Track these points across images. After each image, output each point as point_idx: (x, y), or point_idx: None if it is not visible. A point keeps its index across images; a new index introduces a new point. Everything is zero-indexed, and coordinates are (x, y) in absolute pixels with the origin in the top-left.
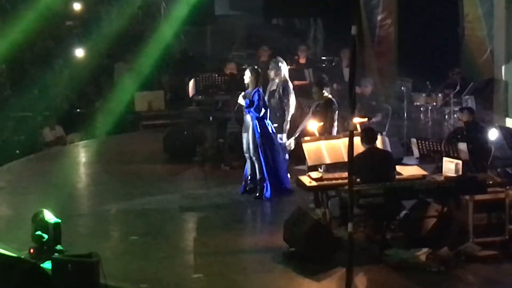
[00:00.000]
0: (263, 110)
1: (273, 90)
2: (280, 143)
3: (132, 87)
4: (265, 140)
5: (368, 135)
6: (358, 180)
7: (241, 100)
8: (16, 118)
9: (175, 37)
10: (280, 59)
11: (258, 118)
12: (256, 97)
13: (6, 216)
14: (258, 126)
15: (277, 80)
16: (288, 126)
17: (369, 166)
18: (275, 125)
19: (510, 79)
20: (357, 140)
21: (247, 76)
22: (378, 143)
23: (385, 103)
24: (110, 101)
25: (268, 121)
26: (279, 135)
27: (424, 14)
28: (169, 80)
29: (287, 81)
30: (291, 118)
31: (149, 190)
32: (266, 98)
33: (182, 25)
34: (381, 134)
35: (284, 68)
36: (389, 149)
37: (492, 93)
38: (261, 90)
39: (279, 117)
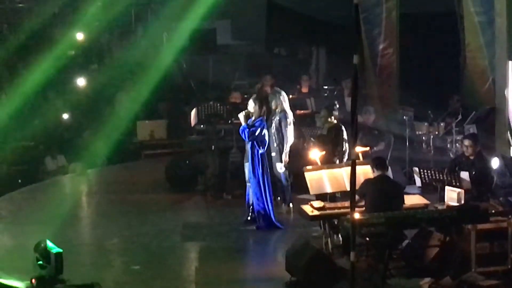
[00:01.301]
0: (260, 139)
1: (272, 120)
2: (280, 173)
3: (134, 116)
4: (259, 171)
5: (380, 161)
6: (363, 203)
7: (241, 118)
8: (18, 147)
9: (177, 66)
10: (279, 90)
11: (252, 147)
12: (256, 124)
13: (8, 246)
14: (251, 154)
15: (277, 110)
16: (287, 157)
17: (379, 192)
18: (273, 154)
19: None
20: (359, 169)
21: (251, 106)
22: None
23: (387, 132)
24: (112, 131)
25: (263, 151)
26: (277, 164)
27: (425, 43)
28: (170, 109)
29: (286, 112)
30: (293, 147)
31: (151, 220)
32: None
33: (184, 54)
34: None
35: (284, 99)
36: (391, 178)
37: (493, 122)
38: (264, 120)
39: (275, 146)
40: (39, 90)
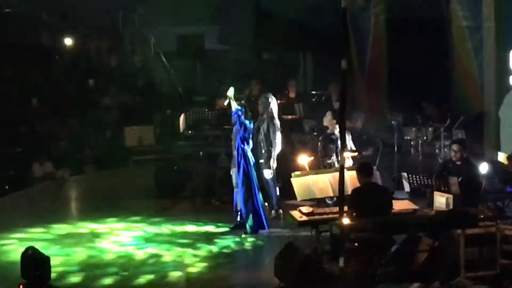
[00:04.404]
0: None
1: (259, 125)
2: (267, 179)
3: (122, 122)
4: (244, 165)
5: (365, 169)
6: (353, 214)
7: (232, 103)
8: (5, 154)
9: (165, 71)
10: (270, 94)
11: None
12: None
13: None
14: (239, 149)
15: (265, 116)
16: (274, 163)
17: (367, 200)
18: (261, 160)
19: (501, 113)
20: (347, 174)
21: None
22: None
23: (376, 137)
24: (100, 137)
25: (249, 152)
26: (265, 171)
27: (414, 49)
28: (158, 115)
29: (274, 118)
30: (281, 152)
31: (139, 225)
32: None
33: (172, 59)
34: None
35: (273, 104)
36: (380, 183)
37: (482, 127)
38: (241, 114)
39: (264, 153)
40: (26, 96)
